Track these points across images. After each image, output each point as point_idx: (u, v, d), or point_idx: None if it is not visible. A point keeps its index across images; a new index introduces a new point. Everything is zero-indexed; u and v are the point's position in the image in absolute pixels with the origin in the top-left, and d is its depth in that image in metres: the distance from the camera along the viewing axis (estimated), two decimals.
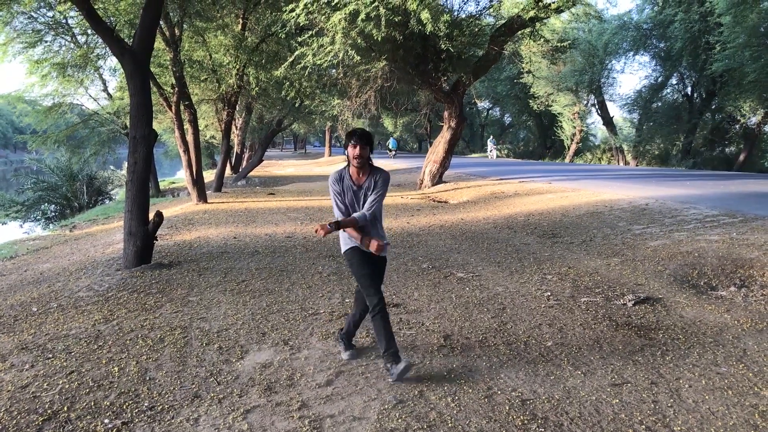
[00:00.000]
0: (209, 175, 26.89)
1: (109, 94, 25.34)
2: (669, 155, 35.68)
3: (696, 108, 32.46)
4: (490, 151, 45.61)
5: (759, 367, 4.30)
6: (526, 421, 3.61)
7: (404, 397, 3.97)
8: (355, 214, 4.29)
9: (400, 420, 3.66)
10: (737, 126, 30.05)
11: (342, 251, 4.51)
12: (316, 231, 4.04)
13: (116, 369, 4.47)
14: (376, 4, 12.59)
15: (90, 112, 26.36)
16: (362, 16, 12.61)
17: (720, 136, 32.15)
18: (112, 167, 32.07)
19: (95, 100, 26.42)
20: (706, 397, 3.85)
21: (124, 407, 3.87)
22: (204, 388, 4.16)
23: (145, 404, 3.92)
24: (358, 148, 4.22)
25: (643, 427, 3.51)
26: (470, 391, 4.05)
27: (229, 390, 4.13)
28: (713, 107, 32.29)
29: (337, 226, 4.18)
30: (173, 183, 35.31)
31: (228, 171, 27.33)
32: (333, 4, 12.73)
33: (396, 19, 12.99)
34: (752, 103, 27.14)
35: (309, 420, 3.68)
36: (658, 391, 3.97)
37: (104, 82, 25.16)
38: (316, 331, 5.37)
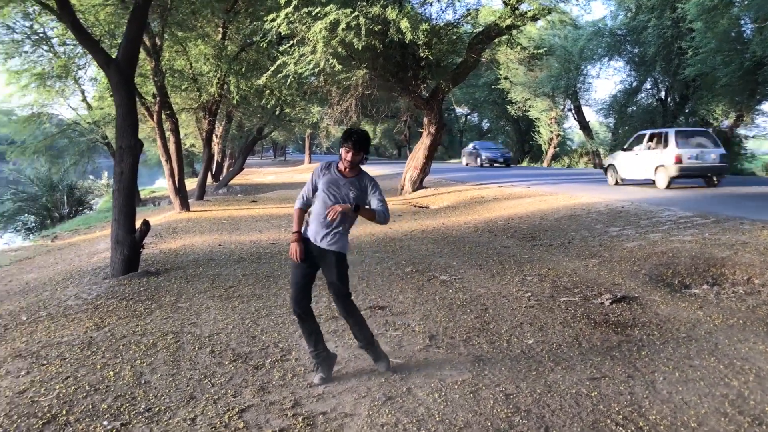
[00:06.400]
0: (190, 184, 26.90)
1: (88, 103, 25.25)
2: None
3: (670, 112, 33.01)
4: None
5: (729, 359, 4.53)
6: (509, 414, 3.79)
7: (393, 394, 4.13)
8: (374, 207, 4.28)
9: (390, 415, 3.82)
10: (710, 129, 30.57)
11: None
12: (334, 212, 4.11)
13: (112, 374, 4.58)
14: (357, 14, 12.81)
15: (69, 122, 26.26)
16: (342, 25, 12.81)
17: None
18: (91, 177, 31.91)
19: (74, 110, 26.36)
20: (680, 388, 4.06)
21: (122, 409, 4.00)
22: (199, 390, 4.29)
23: (143, 406, 4.04)
24: (351, 154, 4.14)
25: (621, 416, 3.70)
26: (456, 387, 4.22)
27: (224, 391, 4.27)
28: (687, 111, 32.84)
29: (356, 209, 4.17)
30: (153, 192, 35.16)
31: (209, 179, 27.34)
32: (314, 14, 12.90)
33: (376, 29, 13.22)
34: (724, 107, 27.70)
35: (302, 417, 3.83)
36: (634, 383, 4.18)
37: (83, 92, 25.10)
38: None
